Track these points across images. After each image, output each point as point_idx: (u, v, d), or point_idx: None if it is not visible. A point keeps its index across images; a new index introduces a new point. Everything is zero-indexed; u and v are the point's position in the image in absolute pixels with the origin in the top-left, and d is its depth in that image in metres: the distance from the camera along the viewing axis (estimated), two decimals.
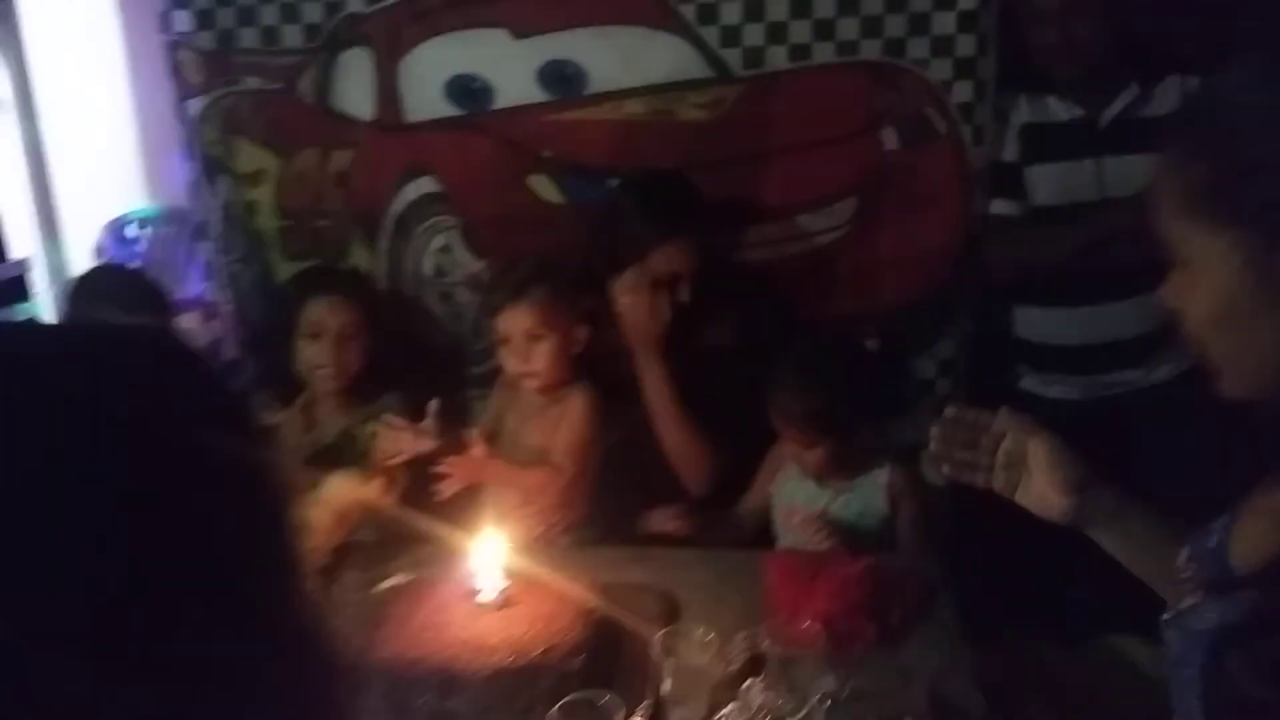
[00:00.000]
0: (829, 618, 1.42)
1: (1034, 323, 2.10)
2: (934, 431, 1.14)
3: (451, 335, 2.24)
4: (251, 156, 2.18)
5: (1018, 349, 2.14)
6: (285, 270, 2.24)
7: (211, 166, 2.20)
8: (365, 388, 2.00)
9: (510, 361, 1.86)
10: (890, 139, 1.99)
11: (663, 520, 1.78)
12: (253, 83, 2.14)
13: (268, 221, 2.23)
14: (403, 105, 2.13)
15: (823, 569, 1.52)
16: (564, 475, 1.83)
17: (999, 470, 1.11)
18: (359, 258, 2.22)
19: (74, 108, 2.42)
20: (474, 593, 1.43)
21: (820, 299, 2.05)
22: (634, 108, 2.02)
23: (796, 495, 1.81)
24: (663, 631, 1.35)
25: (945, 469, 1.13)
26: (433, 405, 1.76)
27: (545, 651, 1.32)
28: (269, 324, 2.08)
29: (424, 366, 2.20)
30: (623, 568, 1.66)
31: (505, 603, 1.42)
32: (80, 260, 2.43)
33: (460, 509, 1.85)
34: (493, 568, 1.43)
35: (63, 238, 2.42)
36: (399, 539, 1.71)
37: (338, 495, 1.64)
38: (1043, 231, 1.98)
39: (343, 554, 1.70)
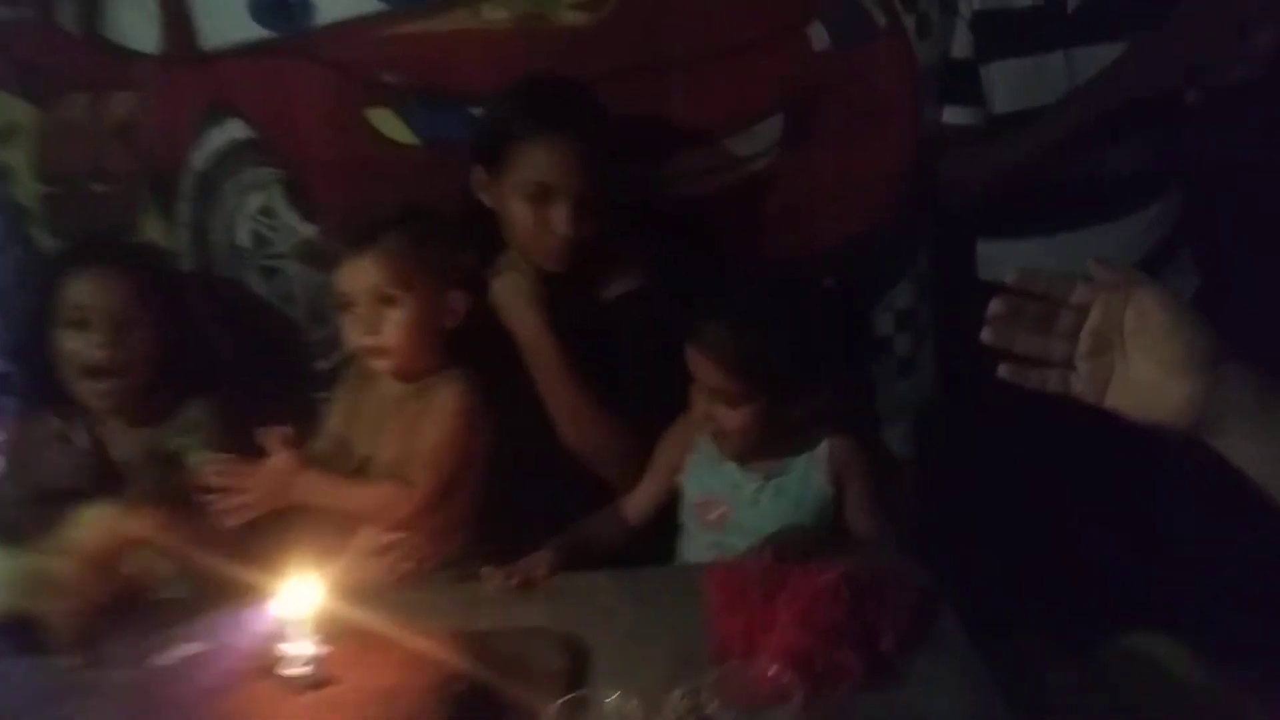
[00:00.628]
0: (798, 652, 1.00)
1: (1001, 260, 1.73)
2: (995, 307, 0.83)
3: (282, 321, 1.75)
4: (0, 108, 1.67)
5: (983, 296, 1.76)
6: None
7: None
8: (161, 396, 1.51)
9: (353, 332, 1.39)
10: (819, 37, 1.59)
11: (514, 575, 1.29)
12: None
13: (27, 189, 1.71)
14: (196, 29, 1.64)
15: (783, 583, 1.09)
16: (417, 491, 1.36)
17: (1082, 360, 0.80)
18: (153, 230, 1.71)
19: None
20: (278, 664, 0.97)
21: (750, 240, 1.64)
22: (494, 13, 1.58)
23: (713, 484, 1.39)
24: (559, 702, 0.91)
25: (1005, 370, 0.82)
26: (267, 432, 1.32)
27: None
28: (34, 321, 1.56)
29: (246, 367, 1.72)
30: (510, 606, 1.22)
31: (323, 679, 0.95)
32: None
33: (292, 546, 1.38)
34: (302, 627, 0.97)
35: None
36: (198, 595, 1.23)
37: (95, 534, 1.15)
38: (1006, 138, 1.61)
39: (108, 617, 1.21)
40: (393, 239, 1.38)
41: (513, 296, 1.48)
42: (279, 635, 0.98)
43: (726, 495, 1.37)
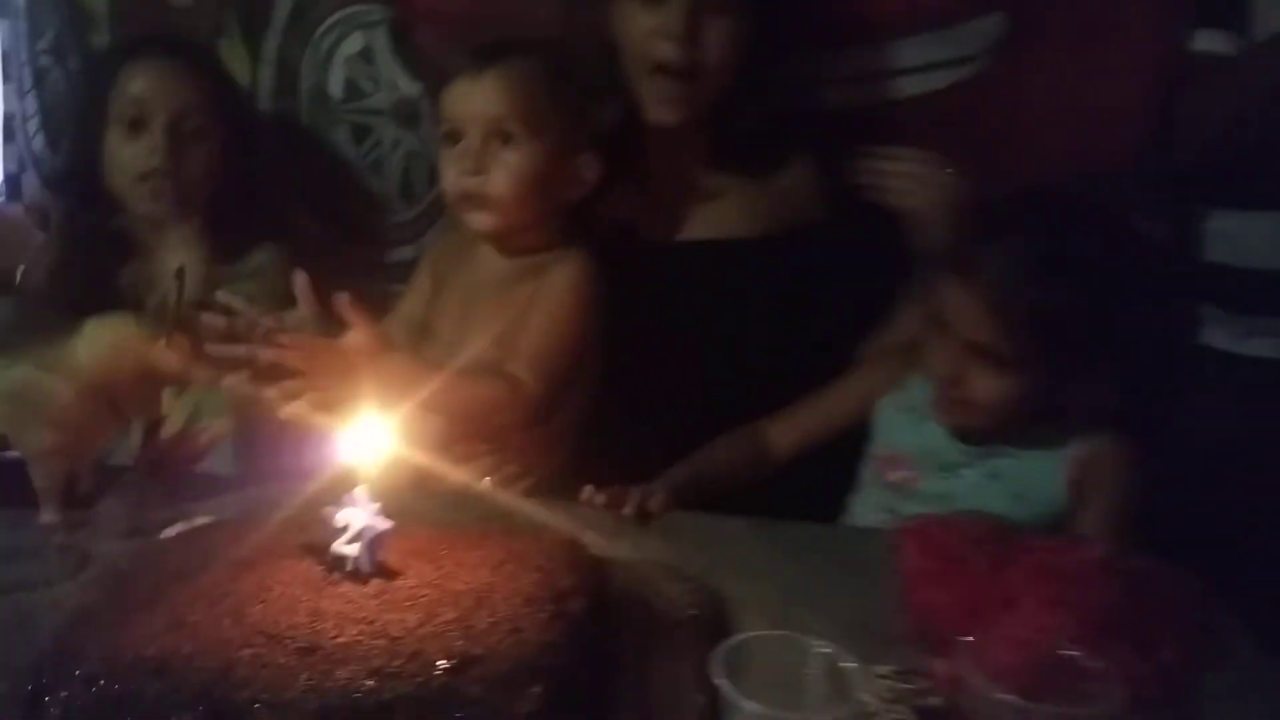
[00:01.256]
0: (1054, 633, 0.69)
1: (1236, 236, 1.41)
2: None
3: (366, 194, 1.48)
4: None
5: (1203, 282, 1.44)
6: None
7: None
8: (228, 233, 1.25)
9: (453, 171, 1.12)
10: None
11: (624, 501, 0.99)
12: None
13: None
14: None
15: (1017, 556, 0.79)
16: (525, 392, 1.06)
17: None
18: (233, 63, 1.46)
19: None
20: (336, 538, 0.68)
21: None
22: None
23: (904, 440, 1.08)
24: (725, 645, 0.61)
25: None
26: (343, 297, 0.98)
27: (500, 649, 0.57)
28: (86, 123, 1.30)
29: (320, 237, 1.45)
30: (619, 538, 0.92)
31: (386, 567, 0.66)
32: None
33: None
34: (363, 492, 0.67)
35: None
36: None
37: (102, 351, 0.87)
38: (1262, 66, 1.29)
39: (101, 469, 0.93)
40: (522, 63, 1.11)
41: None
42: (328, 504, 0.69)
43: (917, 457, 1.06)
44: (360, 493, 0.67)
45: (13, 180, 1.58)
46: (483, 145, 1.10)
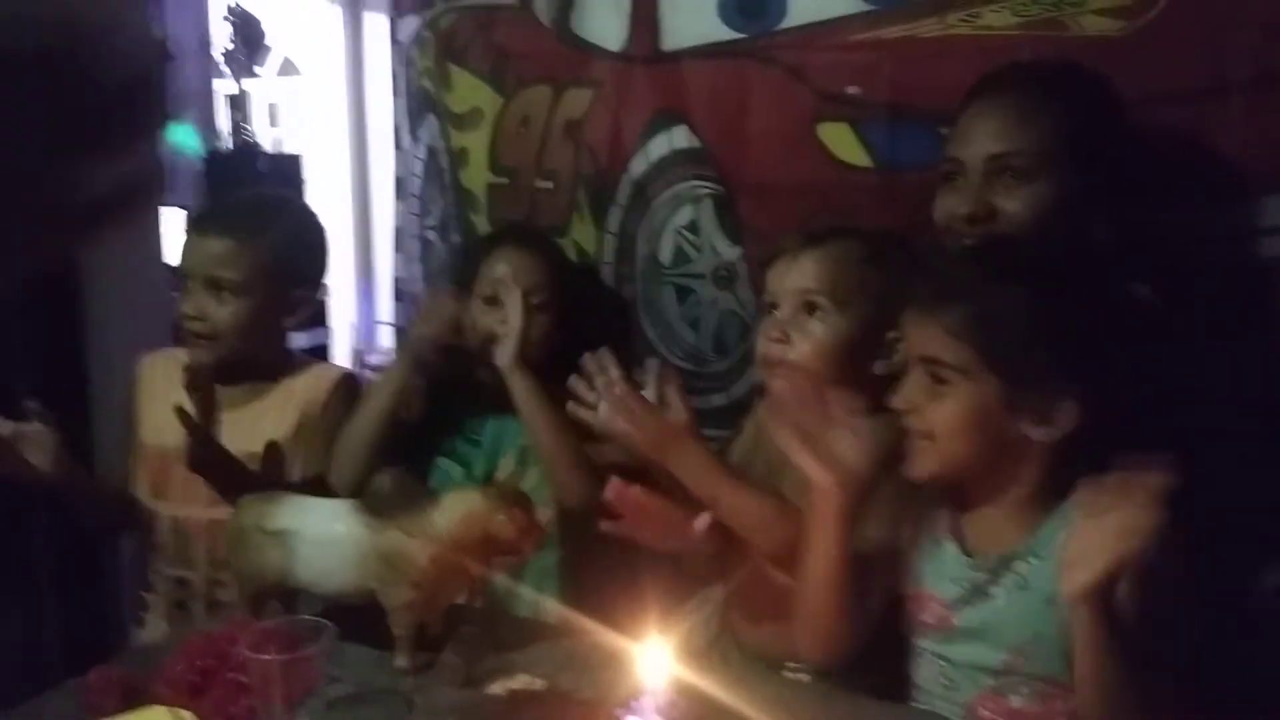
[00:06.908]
0: None
1: None
2: None
3: (685, 347, 1.60)
4: (468, 91, 1.70)
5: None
6: None
7: (418, 103, 1.74)
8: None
9: (763, 338, 1.20)
10: None
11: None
12: None
13: (477, 177, 1.72)
14: (662, 28, 1.56)
15: None
16: (798, 520, 1.08)
17: None
18: (581, 233, 1.65)
19: None
20: None
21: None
22: (998, 18, 1.32)
23: (924, 568, 1.03)
24: None
25: None
26: (672, 376, 1.19)
27: None
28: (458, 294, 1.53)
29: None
30: None
31: None
32: None
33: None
34: (650, 701, 0.73)
35: None
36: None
37: (458, 522, 1.02)
38: None
39: (448, 624, 1.08)
40: (839, 245, 1.18)
41: None
42: (626, 696, 0.76)
43: (940, 589, 1.00)
44: (649, 702, 0.73)
45: (402, 333, 1.88)
46: (791, 314, 1.18)
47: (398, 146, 1.83)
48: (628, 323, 1.60)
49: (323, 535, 1.05)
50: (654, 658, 0.75)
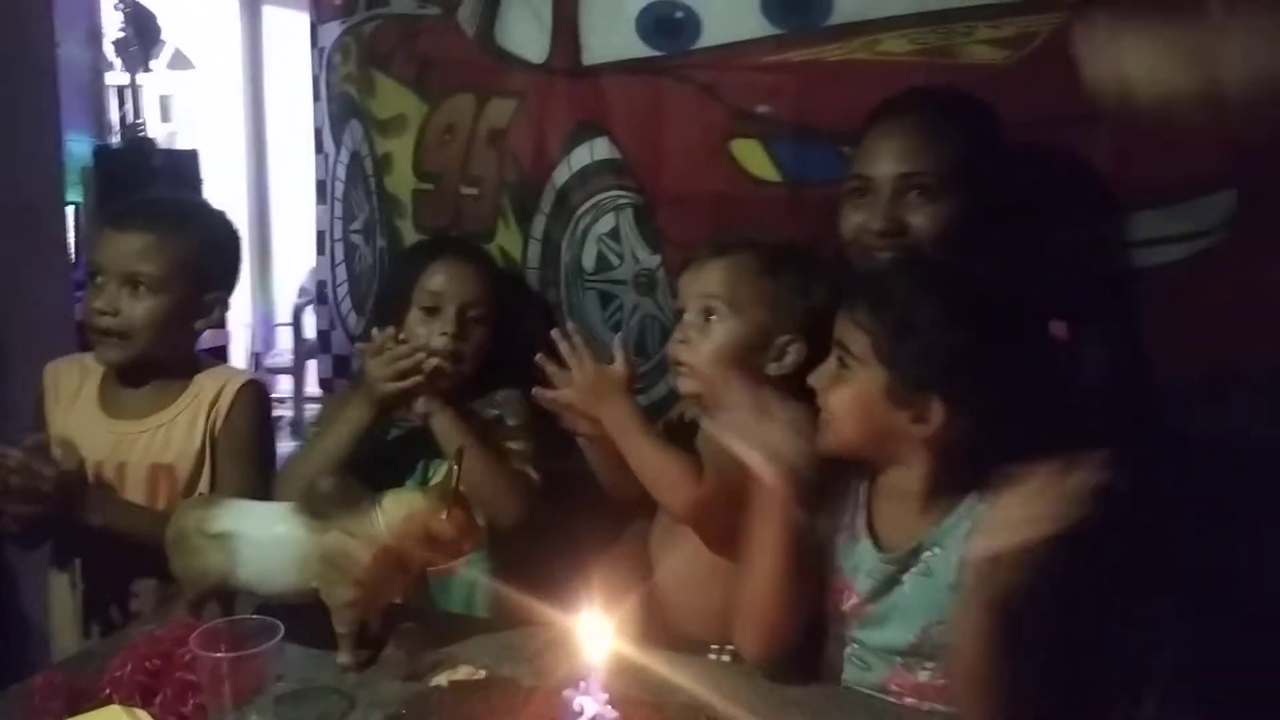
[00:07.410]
0: None
1: None
2: None
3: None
4: (392, 97, 1.74)
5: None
6: None
7: (340, 108, 1.76)
8: (478, 387, 1.49)
9: (672, 339, 1.31)
10: None
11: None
12: (404, 4, 1.70)
13: (401, 182, 1.76)
14: (583, 44, 1.62)
15: None
16: (697, 488, 1.20)
17: None
18: (507, 241, 1.71)
19: None
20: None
21: (1165, 340, 1.33)
22: (895, 45, 1.42)
23: (844, 559, 1.12)
24: None
25: None
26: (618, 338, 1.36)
27: None
28: (389, 305, 1.57)
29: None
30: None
31: None
32: None
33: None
34: (593, 677, 0.80)
35: None
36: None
37: (398, 521, 1.07)
38: None
39: (387, 621, 1.13)
40: (744, 255, 1.28)
41: None
42: (568, 677, 0.83)
43: (856, 579, 1.09)
44: (594, 680, 0.80)
45: (324, 336, 1.91)
46: (694, 318, 1.28)
47: (319, 150, 1.85)
48: (552, 327, 1.66)
49: (264, 537, 1.09)
50: (594, 634, 0.82)
